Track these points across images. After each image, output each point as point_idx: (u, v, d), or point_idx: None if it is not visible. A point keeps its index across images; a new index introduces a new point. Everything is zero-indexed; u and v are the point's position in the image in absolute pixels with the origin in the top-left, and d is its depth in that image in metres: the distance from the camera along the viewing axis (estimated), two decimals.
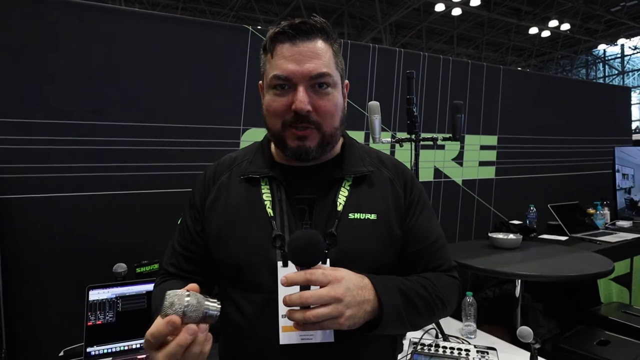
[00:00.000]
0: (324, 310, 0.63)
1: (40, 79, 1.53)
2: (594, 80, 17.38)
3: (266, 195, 0.82)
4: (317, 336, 0.74)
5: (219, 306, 0.61)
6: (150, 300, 1.48)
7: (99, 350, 1.39)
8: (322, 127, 0.78)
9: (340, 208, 0.80)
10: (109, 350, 1.40)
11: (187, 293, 0.59)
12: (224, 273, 0.83)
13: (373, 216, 0.81)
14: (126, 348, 1.42)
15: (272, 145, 0.89)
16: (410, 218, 0.85)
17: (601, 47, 15.97)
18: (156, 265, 1.62)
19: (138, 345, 1.43)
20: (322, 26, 0.78)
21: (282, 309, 0.73)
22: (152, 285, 1.50)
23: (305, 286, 0.66)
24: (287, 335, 0.74)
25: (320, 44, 0.77)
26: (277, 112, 0.77)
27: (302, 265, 0.67)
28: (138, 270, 1.58)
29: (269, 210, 0.80)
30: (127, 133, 1.68)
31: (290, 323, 0.66)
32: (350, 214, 0.80)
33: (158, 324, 0.57)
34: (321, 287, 0.65)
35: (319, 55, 0.76)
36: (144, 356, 1.40)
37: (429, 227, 0.87)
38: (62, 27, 1.56)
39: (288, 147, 0.79)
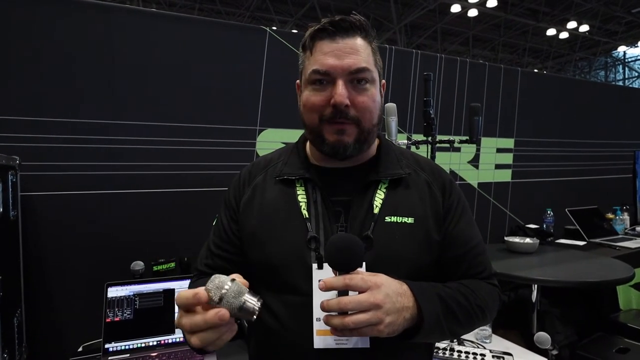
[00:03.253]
0: (363, 316, 0.62)
1: (63, 79, 1.57)
2: (614, 83, 17.02)
3: (301, 197, 0.81)
4: (352, 341, 0.72)
5: (259, 303, 0.60)
6: (166, 299, 1.50)
7: (116, 347, 1.41)
8: (360, 123, 0.76)
9: (376, 211, 0.78)
10: (127, 347, 1.42)
11: (232, 278, 0.60)
12: (257, 274, 0.81)
13: (410, 220, 0.79)
14: (143, 345, 1.44)
15: (308, 147, 0.88)
16: (450, 223, 0.83)
17: (621, 49, 15.62)
18: (172, 264, 1.64)
19: (155, 343, 1.45)
20: (362, 24, 0.77)
21: (317, 312, 0.72)
22: (169, 283, 1.53)
23: (343, 291, 0.64)
24: (322, 339, 0.72)
25: (359, 41, 0.77)
26: (315, 107, 0.77)
27: (340, 269, 0.65)
28: (155, 268, 1.60)
29: (304, 212, 0.79)
30: (147, 133, 1.71)
31: (325, 327, 0.65)
32: (387, 217, 0.79)
33: (188, 292, 0.59)
34: (360, 292, 0.64)
35: (358, 51, 0.75)
36: (164, 352, 1.42)
37: (470, 233, 0.85)
38: (87, 28, 1.60)
39: (326, 143, 0.78)
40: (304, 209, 0.80)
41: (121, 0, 8.81)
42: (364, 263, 0.74)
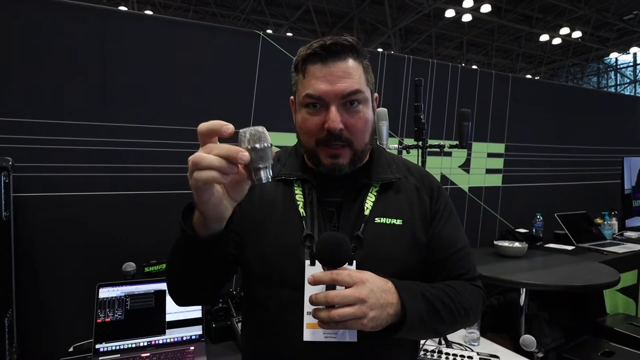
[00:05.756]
0: (348, 310, 0.66)
1: (57, 81, 1.58)
2: (605, 89, 17.22)
3: (299, 197, 0.85)
4: (340, 335, 0.76)
5: (270, 178, 0.60)
6: (157, 300, 1.52)
7: (107, 347, 1.42)
8: (353, 144, 0.80)
9: (367, 212, 0.83)
10: (117, 347, 1.43)
11: (271, 142, 0.59)
12: (252, 267, 0.84)
13: (399, 221, 0.83)
14: (134, 346, 1.44)
15: None
16: (436, 226, 0.87)
17: (613, 55, 15.82)
18: (164, 265, 1.65)
19: (145, 343, 1.46)
20: (353, 45, 0.79)
21: (307, 306, 0.75)
22: (160, 284, 1.54)
23: (331, 286, 0.68)
24: (312, 332, 0.76)
25: (351, 63, 0.79)
26: (311, 131, 0.80)
27: (328, 265, 0.70)
28: (147, 269, 1.61)
29: (301, 211, 0.83)
30: (140, 135, 1.72)
31: (315, 320, 0.69)
32: (376, 219, 0.83)
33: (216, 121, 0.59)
34: (346, 287, 0.68)
35: (350, 74, 0.78)
36: (154, 353, 1.43)
37: (455, 236, 0.89)
38: (81, 31, 1.61)
39: (322, 164, 0.82)
40: (301, 207, 0.84)
41: (116, 2, 8.80)
42: (354, 262, 0.78)
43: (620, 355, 1.98)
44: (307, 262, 0.79)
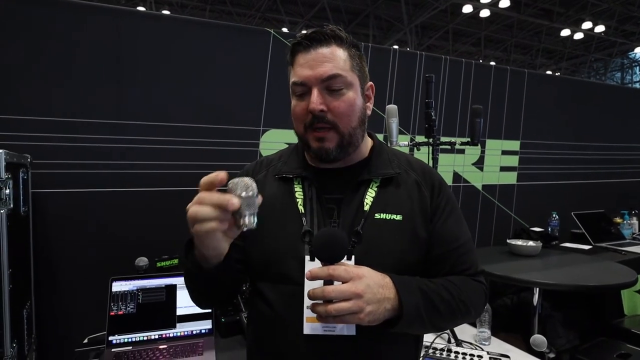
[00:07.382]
0: (345, 305, 0.67)
1: (74, 80, 1.62)
2: (630, 85, 16.69)
3: (298, 194, 0.87)
4: (339, 328, 0.77)
5: (255, 225, 0.67)
6: (168, 294, 1.55)
7: (120, 339, 1.46)
8: (338, 127, 0.81)
9: (367, 208, 0.84)
10: (130, 340, 1.47)
11: (257, 192, 0.66)
12: (255, 264, 0.87)
13: (399, 217, 0.84)
14: (145, 338, 1.48)
15: None
16: (437, 221, 0.87)
17: (638, 50, 15.29)
18: (175, 260, 1.69)
19: (157, 336, 1.49)
20: (335, 33, 0.82)
21: (307, 301, 0.77)
22: (171, 279, 1.57)
23: (329, 281, 0.69)
24: (311, 326, 0.78)
25: (333, 49, 0.81)
26: (299, 116, 0.84)
27: (325, 260, 0.71)
28: (158, 264, 1.65)
29: (300, 208, 0.85)
30: (153, 132, 1.76)
31: (315, 314, 0.70)
32: (376, 214, 0.83)
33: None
34: (343, 282, 0.68)
35: (331, 59, 0.80)
36: (165, 346, 1.46)
37: (457, 231, 0.89)
38: (97, 30, 1.65)
39: (311, 149, 0.84)
40: (300, 204, 0.85)
41: (134, 2, 8.94)
42: (353, 257, 0.79)
43: (637, 357, 1.93)
44: (307, 257, 0.80)
